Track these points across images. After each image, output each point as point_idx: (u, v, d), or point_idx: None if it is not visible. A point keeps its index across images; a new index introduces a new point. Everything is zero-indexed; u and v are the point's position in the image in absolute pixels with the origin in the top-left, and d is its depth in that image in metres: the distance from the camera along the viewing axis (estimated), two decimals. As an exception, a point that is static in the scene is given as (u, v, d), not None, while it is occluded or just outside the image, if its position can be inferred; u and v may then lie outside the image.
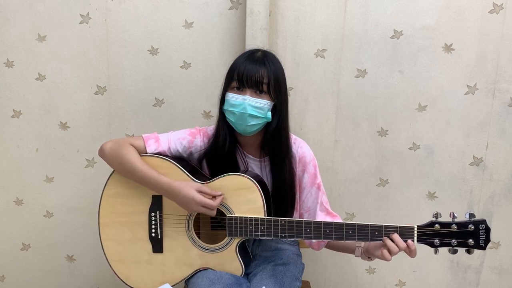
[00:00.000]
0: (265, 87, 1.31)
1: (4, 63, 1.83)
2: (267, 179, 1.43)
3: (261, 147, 1.43)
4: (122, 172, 1.37)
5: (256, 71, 1.30)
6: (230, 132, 1.38)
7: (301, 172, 1.44)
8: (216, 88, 1.40)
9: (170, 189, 1.30)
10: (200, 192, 1.29)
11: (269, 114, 1.34)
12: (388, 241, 1.23)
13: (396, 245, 1.22)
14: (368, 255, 1.34)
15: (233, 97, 1.32)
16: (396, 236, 1.23)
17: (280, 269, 1.39)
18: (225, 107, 1.34)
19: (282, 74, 1.36)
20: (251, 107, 1.30)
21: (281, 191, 1.41)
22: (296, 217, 1.47)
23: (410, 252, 1.24)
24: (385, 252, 1.23)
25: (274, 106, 1.35)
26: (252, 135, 1.37)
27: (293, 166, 1.42)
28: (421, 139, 1.83)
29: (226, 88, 1.35)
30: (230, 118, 1.34)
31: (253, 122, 1.32)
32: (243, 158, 1.43)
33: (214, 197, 1.30)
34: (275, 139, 1.37)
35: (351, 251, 1.40)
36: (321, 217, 1.43)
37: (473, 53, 1.75)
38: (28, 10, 1.79)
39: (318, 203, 1.43)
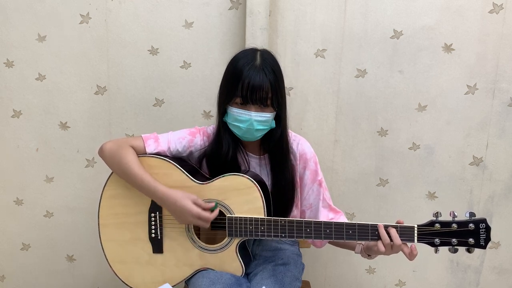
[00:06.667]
0: (269, 102, 1.31)
1: (4, 63, 1.83)
2: (268, 176, 1.43)
3: (261, 144, 1.43)
4: (119, 173, 1.36)
5: (260, 86, 1.27)
6: (232, 138, 1.39)
7: (302, 169, 1.44)
8: (216, 88, 1.40)
9: (166, 198, 1.29)
10: (195, 203, 1.28)
11: (273, 123, 1.36)
12: (382, 231, 1.24)
13: (391, 239, 1.23)
14: (368, 252, 1.34)
15: (238, 112, 1.31)
16: (393, 231, 1.23)
17: (280, 269, 1.39)
18: (229, 120, 1.34)
19: (282, 80, 1.35)
20: (257, 122, 1.31)
21: (282, 188, 1.41)
22: (296, 214, 1.48)
23: (410, 255, 1.24)
24: (379, 243, 1.24)
25: (276, 114, 1.36)
26: None
27: (294, 163, 1.43)
28: (421, 139, 1.83)
29: (228, 101, 1.33)
30: (235, 131, 1.35)
31: (259, 134, 1.35)
32: (244, 157, 1.43)
33: (210, 210, 1.30)
34: (276, 142, 1.38)
35: (352, 247, 1.40)
36: (324, 213, 1.43)
37: (473, 53, 1.75)
38: (28, 10, 1.78)
39: (320, 200, 1.44)
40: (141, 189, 1.33)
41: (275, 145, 1.38)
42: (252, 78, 1.27)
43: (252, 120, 1.30)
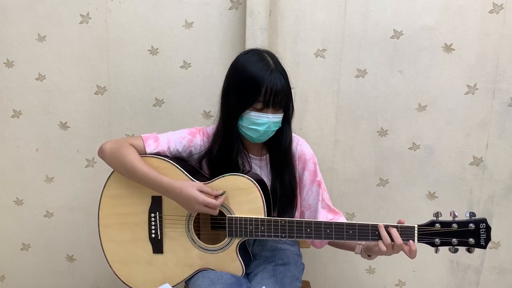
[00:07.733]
0: (283, 103, 1.33)
1: (4, 63, 1.83)
2: (268, 177, 1.43)
3: (262, 145, 1.43)
4: (122, 172, 1.37)
5: (282, 90, 1.29)
6: (239, 142, 1.39)
7: (301, 170, 1.45)
8: (216, 88, 1.40)
9: (171, 188, 1.30)
10: (201, 191, 1.28)
11: (280, 123, 1.37)
12: (383, 231, 1.24)
13: (392, 238, 1.23)
14: (368, 252, 1.34)
15: (257, 116, 1.31)
16: (394, 231, 1.24)
17: (280, 269, 1.39)
18: (246, 124, 1.33)
19: (289, 82, 1.36)
20: (274, 124, 1.33)
21: (282, 189, 1.41)
22: (296, 215, 1.48)
23: (410, 253, 1.24)
24: (380, 243, 1.24)
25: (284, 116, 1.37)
26: None
27: (293, 164, 1.43)
28: (421, 139, 1.83)
29: (247, 107, 1.31)
30: (251, 134, 1.34)
31: (271, 135, 1.36)
32: (244, 158, 1.43)
33: (215, 196, 1.30)
34: (280, 142, 1.39)
35: (351, 248, 1.40)
36: (323, 214, 1.43)
37: (473, 53, 1.75)
38: (28, 10, 1.78)
39: (319, 200, 1.44)
40: (145, 183, 1.33)
41: (279, 145, 1.39)
42: (274, 84, 1.28)
43: (270, 123, 1.31)
